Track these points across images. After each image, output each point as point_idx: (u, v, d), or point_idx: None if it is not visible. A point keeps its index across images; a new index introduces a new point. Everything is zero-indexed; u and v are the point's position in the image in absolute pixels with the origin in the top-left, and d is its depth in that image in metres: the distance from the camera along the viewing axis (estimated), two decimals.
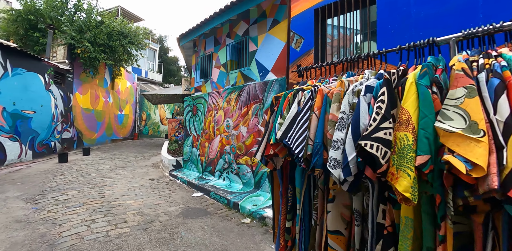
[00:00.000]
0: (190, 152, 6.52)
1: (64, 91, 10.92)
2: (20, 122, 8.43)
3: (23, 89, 8.53)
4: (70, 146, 11.34)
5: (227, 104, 5.30)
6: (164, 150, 8.40)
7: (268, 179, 4.28)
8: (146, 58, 23.14)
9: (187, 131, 6.65)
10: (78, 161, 8.72)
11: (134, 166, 7.91)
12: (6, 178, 6.28)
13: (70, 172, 6.90)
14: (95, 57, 11.31)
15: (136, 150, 11.86)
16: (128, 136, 17.37)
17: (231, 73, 5.46)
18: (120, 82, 16.16)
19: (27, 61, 8.71)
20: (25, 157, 8.64)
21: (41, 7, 11.35)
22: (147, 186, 5.62)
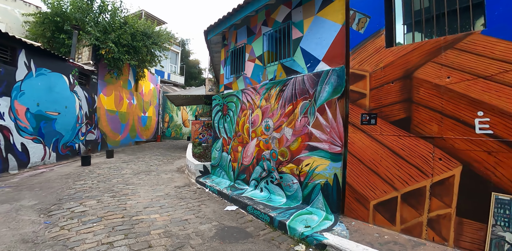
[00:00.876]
0: (219, 156, 5.71)
1: (89, 92, 10.52)
2: (44, 124, 8.00)
3: (47, 90, 8.11)
4: (94, 148, 10.92)
5: (265, 102, 4.44)
6: (189, 154, 7.68)
7: (322, 193, 3.37)
8: (168, 59, 22.98)
9: (216, 133, 5.84)
10: (101, 164, 8.17)
11: (158, 170, 7.23)
12: (26, 183, 5.74)
13: (92, 176, 6.29)
14: (119, 57, 10.89)
15: (160, 153, 11.27)
16: (151, 138, 16.96)
17: (269, 66, 4.60)
18: (143, 84, 15.80)
19: (52, 61, 8.31)
20: (49, 159, 8.20)
21: (67, 10, 11.13)
22: (173, 196, 4.85)
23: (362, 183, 3.21)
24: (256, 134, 4.60)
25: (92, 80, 10.80)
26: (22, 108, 7.21)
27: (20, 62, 7.15)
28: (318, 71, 3.65)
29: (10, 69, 6.84)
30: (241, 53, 5.39)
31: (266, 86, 4.46)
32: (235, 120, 5.16)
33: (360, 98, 3.25)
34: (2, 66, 6.60)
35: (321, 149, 3.48)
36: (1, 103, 6.57)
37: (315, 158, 3.56)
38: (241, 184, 4.94)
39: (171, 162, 8.91)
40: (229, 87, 5.71)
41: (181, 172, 7.14)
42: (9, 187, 5.43)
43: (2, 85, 6.60)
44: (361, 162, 3.22)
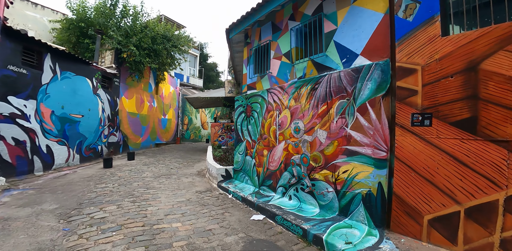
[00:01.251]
0: (242, 160, 5.36)
1: (111, 95, 10.56)
2: (68, 126, 8.01)
3: (71, 93, 8.14)
4: (116, 150, 10.93)
5: (295, 102, 4.05)
6: (209, 157, 7.40)
7: (364, 204, 2.92)
8: (187, 63, 23.12)
9: (239, 136, 5.50)
10: (122, 166, 8.06)
11: (178, 174, 6.99)
12: (49, 185, 5.66)
13: (113, 179, 6.13)
14: (140, 61, 10.91)
15: (179, 155, 11.12)
16: (171, 140, 16.97)
17: (298, 63, 4.21)
18: (163, 87, 15.85)
19: (76, 65, 8.35)
20: (73, 161, 8.20)
21: (91, 15, 11.32)
22: (195, 202, 4.54)
23: (413, 194, 2.74)
24: (284, 137, 4.21)
25: (115, 83, 10.85)
26: (48, 111, 7.23)
27: (46, 66, 7.19)
28: (357, 67, 3.22)
29: (36, 72, 6.87)
30: (266, 51, 5.04)
31: (295, 85, 4.06)
32: (260, 122, 4.80)
33: (410, 95, 2.79)
34: (29, 70, 6.63)
35: (363, 154, 3.04)
36: (28, 106, 6.59)
37: (354, 164, 3.12)
38: (267, 191, 4.55)
39: (191, 165, 8.68)
40: (253, 87, 5.36)
41: (202, 175, 6.86)
42: (33, 189, 5.35)
43: (29, 89, 6.62)
44: (412, 169, 2.75)
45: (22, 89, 6.43)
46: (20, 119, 6.39)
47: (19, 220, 3.62)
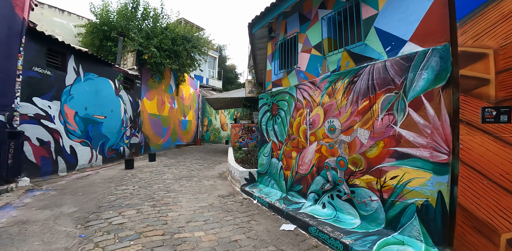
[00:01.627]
0: (267, 163, 4.95)
1: (133, 96, 10.55)
2: (91, 127, 7.99)
3: (94, 94, 8.12)
4: (138, 151, 10.90)
5: (329, 98, 3.59)
6: (231, 159, 7.06)
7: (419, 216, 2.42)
8: (207, 64, 23.15)
9: (264, 137, 5.09)
10: (143, 167, 7.92)
11: (199, 176, 6.70)
12: (71, 186, 5.55)
13: (133, 181, 5.93)
14: (160, 62, 10.84)
15: (200, 156, 10.90)
16: (191, 142, 16.90)
17: (331, 55, 3.76)
18: (184, 88, 15.81)
19: (98, 66, 8.34)
20: (95, 162, 8.17)
21: (114, 19, 11.44)
22: (218, 207, 4.19)
23: (486, 207, 2.21)
24: (317, 137, 3.76)
25: (136, 85, 10.84)
26: (71, 112, 7.21)
27: (70, 67, 7.18)
28: (407, 54, 2.73)
29: (60, 74, 6.87)
30: (293, 44, 4.63)
31: (329, 79, 3.61)
32: (288, 122, 4.37)
33: (479, 86, 2.27)
34: (53, 71, 6.63)
35: (417, 157, 2.54)
36: (52, 107, 6.58)
37: (406, 169, 2.62)
38: (296, 197, 4.11)
39: (212, 166, 8.39)
40: (279, 84, 4.96)
41: (224, 178, 6.53)
42: (55, 190, 5.24)
43: (53, 90, 6.61)
44: (484, 176, 2.22)
45: (46, 91, 6.42)
46: (45, 120, 6.37)
47: (37, 223, 3.43)
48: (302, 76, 4.32)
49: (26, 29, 5.86)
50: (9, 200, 4.52)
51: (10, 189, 5.01)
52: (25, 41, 5.82)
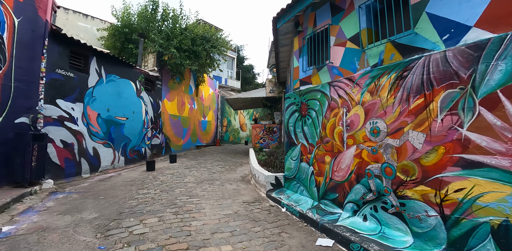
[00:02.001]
0: (296, 167, 4.55)
1: (154, 97, 10.50)
2: (114, 129, 7.95)
3: (116, 96, 8.08)
4: (159, 152, 10.85)
5: (371, 96, 3.15)
6: (254, 161, 6.73)
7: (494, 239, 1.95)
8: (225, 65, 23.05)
9: (292, 139, 4.69)
10: (164, 169, 7.76)
11: (221, 179, 6.42)
12: (93, 188, 5.44)
13: (155, 184, 5.75)
14: (180, 63, 10.73)
15: (220, 158, 10.66)
16: (211, 142, 16.78)
17: (371, 48, 3.32)
18: (203, 89, 15.71)
19: (120, 68, 8.30)
20: (118, 163, 8.13)
21: (134, 21, 11.49)
22: (244, 216, 3.86)
23: None
24: (356, 140, 3.32)
25: (157, 86, 10.79)
26: (94, 113, 7.18)
27: (92, 69, 7.15)
28: (476, 42, 2.25)
29: (83, 76, 6.84)
30: (324, 37, 4.21)
31: (371, 74, 3.16)
32: (320, 123, 3.95)
33: None
34: (76, 73, 6.60)
35: (492, 166, 2.07)
36: (75, 109, 6.55)
37: (477, 181, 2.15)
38: (330, 206, 3.69)
39: (233, 169, 8.10)
40: (308, 82, 4.56)
41: (247, 182, 6.20)
42: (77, 192, 5.15)
43: (76, 92, 6.59)
44: None
45: (69, 93, 6.40)
46: (68, 122, 6.35)
47: (56, 231, 3.25)
48: (335, 72, 3.89)
49: (49, 32, 5.84)
50: (32, 203, 4.44)
51: (34, 192, 4.96)
52: (48, 43, 5.80)
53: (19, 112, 5.27)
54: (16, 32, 5.26)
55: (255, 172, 5.71)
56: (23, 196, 4.64)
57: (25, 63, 5.39)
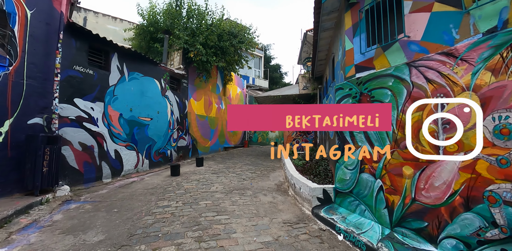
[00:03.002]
0: (353, 179, 3.44)
1: (180, 97, 9.88)
2: (137, 130, 7.37)
3: (139, 95, 7.50)
4: (186, 155, 10.21)
5: (493, 76, 1.98)
6: (291, 167, 5.71)
7: None
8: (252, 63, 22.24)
9: (346, 142, 3.58)
10: (190, 174, 7.01)
11: (253, 188, 5.47)
12: (110, 197, 4.78)
13: (178, 193, 4.95)
14: (207, 60, 10.02)
15: (250, 161, 9.75)
16: (239, 144, 15.99)
17: (481, 6, 2.16)
18: (231, 88, 14.97)
19: (143, 65, 7.72)
20: (142, 166, 7.54)
21: (160, 19, 11.04)
22: (288, 246, 2.84)
23: None
24: (462, 145, 2.17)
25: (183, 85, 10.17)
26: (116, 114, 6.62)
27: (113, 66, 6.59)
28: None
29: (103, 73, 6.29)
30: (392, 4, 3.09)
31: (493, 42, 2.00)
32: (395, 120, 2.83)
33: None
34: (95, 70, 6.05)
35: None
36: (95, 109, 6.00)
37: None
38: (412, 238, 2.56)
39: (265, 174, 7.14)
40: (368, 66, 3.45)
41: (283, 192, 5.19)
42: (92, 202, 4.49)
43: (96, 90, 6.04)
44: None
45: (88, 91, 5.85)
46: (87, 123, 5.80)
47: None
48: (415, 49, 2.76)
49: (65, 25, 5.30)
50: (38, 215, 3.82)
51: (46, 200, 4.37)
52: (64, 37, 5.26)
53: (32, 112, 4.76)
54: (28, 25, 4.75)
55: (294, 181, 4.69)
56: (31, 206, 4.04)
57: (38, 59, 4.87)
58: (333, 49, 5.72)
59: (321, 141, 8.67)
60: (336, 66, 5.08)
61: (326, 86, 7.78)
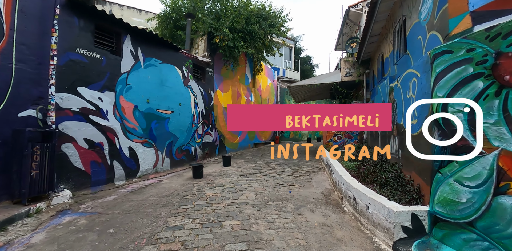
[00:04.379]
0: (481, 203, 1.98)
1: (205, 88, 8.82)
2: (156, 124, 6.41)
3: (158, 84, 6.52)
4: (212, 152, 9.19)
5: None
6: (340, 170, 4.32)
7: None
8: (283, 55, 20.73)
9: (465, 139, 2.10)
10: (215, 176, 5.91)
11: (294, 198, 4.17)
12: (114, 207, 3.80)
13: (197, 206, 3.82)
14: (234, 45, 8.82)
15: (284, 160, 8.44)
16: (270, 139, 14.71)
17: None
18: (261, 79, 13.69)
19: (162, 50, 6.71)
20: (162, 166, 6.61)
21: (183, 5, 10.01)
22: None
23: None
24: None
25: (208, 74, 9.09)
26: (129, 105, 5.68)
27: (126, 50, 5.63)
28: None
29: (114, 58, 5.34)
30: None
31: None
32: None
33: None
34: (104, 55, 5.11)
35: None
36: (104, 100, 5.08)
37: None
38: None
39: (305, 178, 5.79)
40: (502, 9, 1.97)
41: (336, 206, 3.83)
42: (90, 214, 3.54)
43: (105, 78, 5.11)
44: None
45: (95, 79, 4.93)
46: (95, 116, 4.90)
47: None
48: None
49: None
50: (17, 234, 2.91)
51: (36, 211, 3.49)
52: (64, 14, 4.33)
53: (24, 103, 3.88)
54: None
55: (354, 193, 3.30)
56: (12, 220, 3.15)
57: (31, 39, 3.98)
58: (403, 11, 4.15)
59: (372, 137, 7.07)
60: (415, 31, 3.54)
61: (383, 68, 6.18)
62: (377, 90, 6.60)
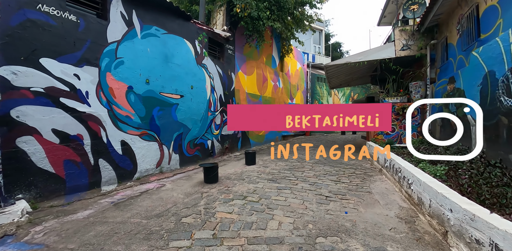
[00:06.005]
0: None
1: (224, 68, 7.27)
2: (159, 112, 5.01)
3: (161, 60, 5.07)
4: (233, 146, 7.71)
5: None
6: (426, 179, 2.55)
7: None
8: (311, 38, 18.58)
9: None
10: (233, 181, 4.39)
11: (358, 231, 2.49)
12: (72, 236, 2.43)
13: (198, 242, 2.32)
14: (258, 16, 7.11)
15: (322, 157, 6.69)
16: (299, 131, 12.97)
17: None
18: (289, 62, 11.87)
19: (167, 18, 5.22)
20: (169, 164, 5.23)
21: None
22: None
23: None
24: None
25: (227, 52, 7.50)
26: (121, 86, 4.29)
27: (114, 12, 4.18)
28: None
29: (97, 22, 3.91)
30: None
31: None
32: None
33: None
34: (82, 16, 3.70)
35: None
36: (82, 77, 3.71)
37: None
38: None
39: (360, 185, 4.06)
40: None
41: (435, 248, 2.12)
42: (31, 248, 2.18)
43: (83, 48, 3.71)
44: None
45: (68, 49, 3.54)
46: (68, 99, 3.54)
47: None
48: None
49: None
50: None
51: None
52: None
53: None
54: None
55: (490, 234, 1.58)
56: None
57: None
58: None
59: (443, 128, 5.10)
60: None
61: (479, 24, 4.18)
62: (465, 61, 4.59)
